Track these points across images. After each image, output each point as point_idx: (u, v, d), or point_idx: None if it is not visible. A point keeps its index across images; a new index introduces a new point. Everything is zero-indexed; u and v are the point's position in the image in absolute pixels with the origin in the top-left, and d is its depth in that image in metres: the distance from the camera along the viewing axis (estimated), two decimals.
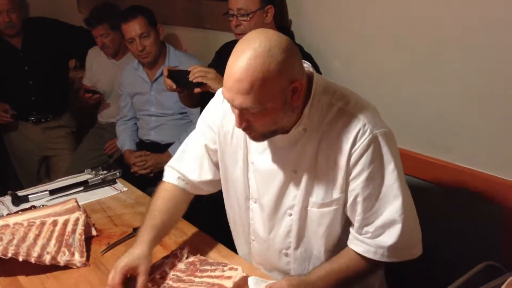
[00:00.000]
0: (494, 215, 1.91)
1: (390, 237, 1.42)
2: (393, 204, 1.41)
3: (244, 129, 1.39)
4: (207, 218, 2.22)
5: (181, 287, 1.50)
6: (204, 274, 1.54)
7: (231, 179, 1.63)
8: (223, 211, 1.76)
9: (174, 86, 2.33)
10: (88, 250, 1.73)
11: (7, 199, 2.17)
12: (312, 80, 1.42)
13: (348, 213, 1.48)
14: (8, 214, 1.99)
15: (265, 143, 1.50)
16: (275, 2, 2.40)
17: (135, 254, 1.50)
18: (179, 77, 2.30)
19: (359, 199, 1.42)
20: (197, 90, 2.24)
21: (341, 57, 2.37)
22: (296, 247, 1.56)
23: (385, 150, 1.40)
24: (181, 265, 1.60)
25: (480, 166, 1.95)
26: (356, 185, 1.42)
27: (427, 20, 1.98)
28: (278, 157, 1.49)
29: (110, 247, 1.77)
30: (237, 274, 1.50)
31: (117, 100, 3.40)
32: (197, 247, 1.71)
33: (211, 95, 2.18)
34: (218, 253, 1.69)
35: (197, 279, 1.53)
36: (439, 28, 1.95)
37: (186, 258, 1.63)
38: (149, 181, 3.02)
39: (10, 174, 3.89)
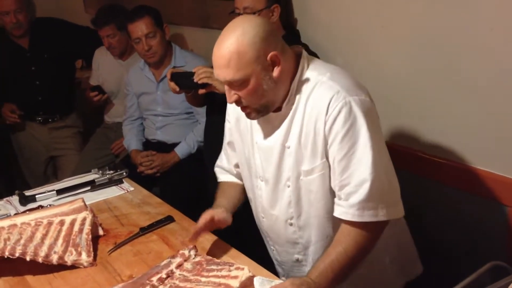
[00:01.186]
0: (501, 215, 1.90)
1: (359, 195, 1.47)
2: (364, 164, 1.47)
3: (238, 106, 1.55)
4: None
5: (187, 287, 1.50)
6: (211, 273, 1.55)
7: (245, 162, 1.74)
8: None
9: (178, 89, 2.32)
10: (95, 249, 1.74)
11: (15, 199, 2.18)
12: (300, 58, 1.56)
13: (331, 182, 1.55)
14: (15, 214, 2.00)
15: (265, 123, 1.62)
16: (281, 1, 2.40)
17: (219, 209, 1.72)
18: (183, 78, 2.29)
19: (336, 163, 1.50)
20: (201, 91, 2.24)
21: (346, 56, 2.37)
22: (298, 216, 1.65)
23: (357, 114, 1.47)
24: (187, 265, 1.60)
25: (487, 166, 1.94)
26: (333, 150, 1.50)
27: (431, 19, 1.97)
28: (273, 134, 1.61)
29: (117, 246, 1.77)
30: (244, 274, 1.50)
31: (124, 100, 3.40)
32: (203, 247, 1.72)
33: (217, 94, 2.19)
34: (224, 253, 1.69)
35: (203, 279, 1.53)
36: (442, 26, 1.94)
37: (193, 258, 1.64)
38: (155, 181, 3.03)
39: (17, 174, 3.91)
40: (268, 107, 1.54)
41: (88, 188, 2.24)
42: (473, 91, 1.91)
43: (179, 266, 1.60)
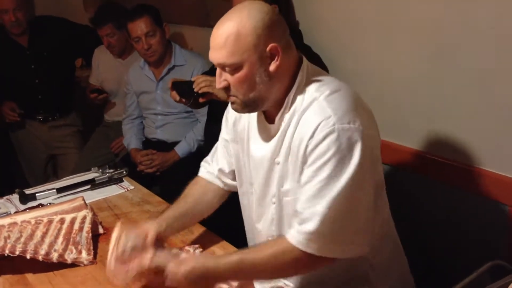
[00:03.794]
0: (501, 214, 1.90)
1: (310, 225, 1.36)
2: (329, 197, 1.35)
3: (227, 95, 1.46)
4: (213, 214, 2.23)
5: None
6: None
7: (242, 166, 1.66)
8: (228, 208, 1.76)
9: (178, 98, 2.32)
10: (95, 248, 1.74)
11: (15, 197, 2.18)
12: (300, 68, 1.45)
13: (297, 204, 1.43)
14: (15, 212, 2.00)
15: (261, 133, 1.54)
16: (280, 1, 2.39)
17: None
18: (184, 87, 2.29)
19: (306, 187, 1.39)
20: (202, 99, 2.24)
21: (351, 57, 2.35)
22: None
23: (343, 146, 1.35)
24: None
25: (487, 165, 1.95)
26: (308, 174, 1.39)
27: (438, 20, 1.96)
28: (265, 146, 1.52)
29: None
30: None
31: (123, 99, 3.41)
32: (203, 244, 1.72)
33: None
34: (224, 250, 1.69)
35: None
36: (450, 28, 1.93)
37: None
38: (155, 180, 3.03)
39: (17, 173, 3.91)
40: (257, 104, 1.44)
41: (88, 186, 2.24)
42: (478, 92, 1.90)
43: None
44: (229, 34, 1.36)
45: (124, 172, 2.34)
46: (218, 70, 1.43)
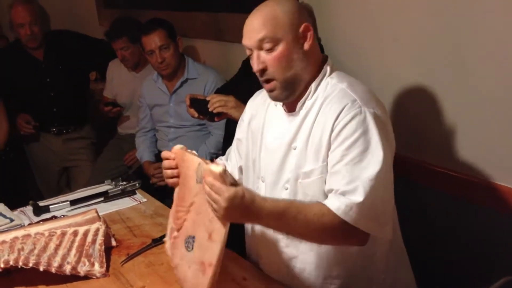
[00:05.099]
0: None
1: (352, 196, 1.40)
2: (369, 172, 1.41)
3: (264, 79, 1.53)
4: None
5: None
6: None
7: (251, 162, 1.72)
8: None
9: (196, 115, 2.35)
10: (107, 260, 1.74)
11: (29, 209, 2.20)
12: (325, 62, 1.58)
13: (326, 182, 1.49)
14: (29, 224, 2.01)
15: (278, 123, 1.61)
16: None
17: None
18: (200, 105, 2.31)
19: (337, 166, 1.44)
20: (217, 119, 2.26)
21: (370, 70, 2.33)
22: None
23: (371, 125, 1.44)
24: None
25: (501, 179, 1.93)
26: (337, 154, 1.45)
27: (460, 34, 1.95)
28: (281, 135, 1.60)
29: (130, 257, 1.77)
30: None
31: (137, 112, 3.43)
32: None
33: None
34: (235, 263, 1.69)
35: None
36: (470, 39, 1.92)
37: None
38: (168, 192, 3.02)
39: (31, 185, 3.94)
40: (294, 84, 1.53)
41: (101, 199, 2.25)
42: (501, 109, 1.89)
43: None
44: (266, 15, 1.48)
45: (137, 184, 2.35)
46: (255, 54, 1.51)
